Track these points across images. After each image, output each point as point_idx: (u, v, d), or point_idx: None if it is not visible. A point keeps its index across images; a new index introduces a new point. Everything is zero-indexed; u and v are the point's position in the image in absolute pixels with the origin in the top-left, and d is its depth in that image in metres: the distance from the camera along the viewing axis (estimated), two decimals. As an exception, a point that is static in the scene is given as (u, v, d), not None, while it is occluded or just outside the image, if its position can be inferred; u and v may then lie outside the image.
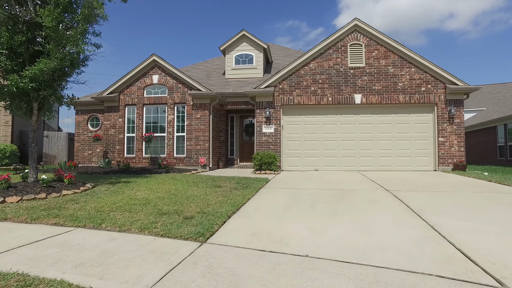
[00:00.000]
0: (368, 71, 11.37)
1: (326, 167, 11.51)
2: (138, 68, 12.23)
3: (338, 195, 6.14)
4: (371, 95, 11.28)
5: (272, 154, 10.60)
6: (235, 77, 14.54)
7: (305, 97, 11.52)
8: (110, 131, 12.43)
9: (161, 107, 12.28)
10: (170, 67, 12.03)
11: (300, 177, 9.42)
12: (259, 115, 11.66)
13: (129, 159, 12.18)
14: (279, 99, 11.62)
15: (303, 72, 11.63)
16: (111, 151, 12.35)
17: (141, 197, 5.76)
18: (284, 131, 11.67)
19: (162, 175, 8.98)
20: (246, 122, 14.66)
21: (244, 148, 14.54)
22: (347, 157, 11.47)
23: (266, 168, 10.43)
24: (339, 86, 11.44)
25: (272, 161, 10.43)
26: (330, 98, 11.42)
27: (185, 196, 5.83)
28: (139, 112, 12.29)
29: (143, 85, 12.36)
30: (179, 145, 12.08)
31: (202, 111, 11.88)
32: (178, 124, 12.14)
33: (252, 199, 5.82)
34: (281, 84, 11.67)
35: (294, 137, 11.67)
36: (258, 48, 14.48)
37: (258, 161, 10.47)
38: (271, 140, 11.54)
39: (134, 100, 12.34)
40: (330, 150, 11.54)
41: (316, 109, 11.65)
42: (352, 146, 11.48)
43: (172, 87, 12.17)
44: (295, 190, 6.81)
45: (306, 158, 11.61)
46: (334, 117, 11.60)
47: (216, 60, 17.67)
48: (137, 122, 12.29)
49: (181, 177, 8.48)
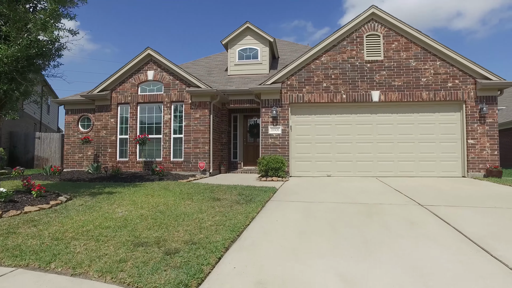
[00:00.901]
0: (387, 65, 10.14)
1: (340, 173, 10.30)
2: (131, 63, 11.14)
3: (363, 213, 4.95)
4: (390, 92, 10.05)
5: (279, 158, 9.43)
6: (238, 74, 13.39)
7: (316, 95, 10.33)
8: (101, 132, 11.36)
9: (157, 106, 11.18)
10: (166, 62, 10.93)
11: (312, 185, 8.24)
12: (265, 115, 10.50)
13: (122, 164, 11.09)
14: (287, 97, 10.44)
15: (314, 67, 10.44)
16: (103, 155, 11.27)
17: (119, 216, 4.63)
18: (292, 132, 10.49)
19: (153, 184, 7.85)
20: (251, 122, 13.51)
21: (249, 151, 13.38)
22: (363, 162, 10.26)
23: (272, 174, 9.26)
24: (354, 82, 10.23)
25: (279, 166, 9.26)
26: (344, 95, 10.22)
27: (174, 215, 4.69)
28: (132, 111, 11.19)
29: (137, 81, 11.27)
30: (177, 148, 10.96)
31: (201, 110, 10.75)
32: (176, 124, 11.03)
33: (258, 218, 4.66)
34: (289, 80, 10.50)
35: (303, 139, 10.49)
36: (263, 42, 13.32)
37: (264, 167, 9.30)
38: (278, 143, 10.36)
39: (128, 98, 11.25)
40: (344, 153, 10.33)
41: (328, 107, 10.46)
42: (369, 149, 10.26)
43: (169, 84, 11.05)
44: (309, 204, 5.64)
45: (317, 162, 10.41)
46: (349, 117, 10.39)
47: (218, 56, 16.55)
48: (130, 122, 11.20)
49: (174, 187, 7.34)
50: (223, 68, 14.54)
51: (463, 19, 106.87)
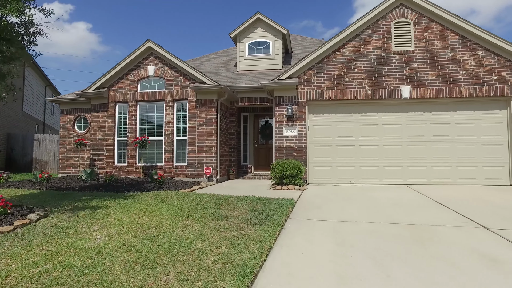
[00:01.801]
0: (418, 56, 8.84)
1: (364, 180, 9.03)
2: (130, 58, 10.08)
3: (413, 239, 3.72)
4: (423, 87, 8.74)
5: (296, 164, 8.22)
6: (248, 69, 12.22)
7: (338, 91, 9.09)
8: (97, 134, 10.33)
9: (158, 105, 10.09)
10: (168, 55, 9.83)
11: (335, 195, 7.01)
12: (279, 114, 9.30)
13: (120, 169, 10.03)
14: (304, 93, 9.22)
15: (334, 59, 9.20)
16: (99, 159, 10.24)
17: (93, 247, 3.50)
18: (310, 133, 9.27)
19: (150, 195, 6.73)
20: (262, 122, 12.32)
21: (260, 154, 12.20)
22: (391, 167, 8.97)
23: (288, 182, 8.06)
24: (381, 76, 8.95)
25: (296, 173, 8.05)
26: (369, 91, 8.95)
27: (167, 244, 3.54)
28: (131, 110, 10.13)
29: (137, 78, 10.21)
30: (180, 152, 9.85)
31: (207, 109, 9.62)
32: (179, 125, 9.92)
33: (276, 248, 3.48)
34: (306, 74, 9.28)
35: (323, 142, 9.26)
36: (276, 34, 12.13)
37: (279, 173, 8.10)
38: (294, 145, 9.15)
39: (126, 96, 10.20)
40: (369, 157, 9.06)
41: (351, 105, 9.20)
42: (398, 152, 8.97)
43: (171, 80, 9.95)
44: (338, 225, 4.43)
45: (338, 167, 9.16)
46: (375, 116, 9.11)
47: (227, 51, 15.42)
48: (129, 123, 10.13)
49: (174, 199, 6.20)
50: (231, 64, 13.40)
51: (477, 17, 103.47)
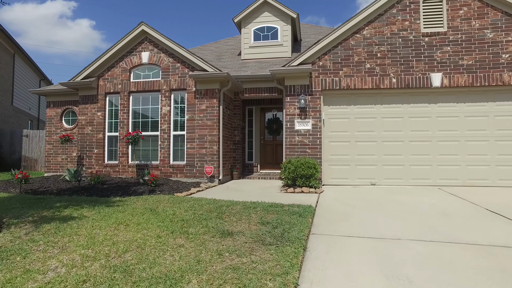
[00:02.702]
0: (452, 38, 7.65)
1: (388, 180, 7.89)
2: (121, 43, 8.95)
3: (493, 271, 2.57)
4: (457, 74, 7.56)
5: (311, 162, 7.08)
6: (254, 58, 11.07)
7: (357, 79, 7.92)
8: (86, 129, 9.23)
9: (153, 96, 8.97)
10: (164, 40, 8.70)
11: (359, 199, 5.88)
12: (290, 106, 8.15)
13: (111, 168, 8.94)
14: (319, 82, 8.07)
15: (353, 43, 8.03)
16: (88, 156, 9.15)
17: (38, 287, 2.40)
18: (325, 128, 8.13)
19: (139, 200, 5.62)
20: (269, 116, 11.19)
21: (267, 151, 11.08)
22: (418, 166, 7.81)
23: (302, 183, 6.93)
24: (407, 62, 7.78)
25: (311, 173, 6.92)
26: (394, 79, 7.78)
27: (146, 282, 2.43)
28: (123, 102, 9.02)
29: (129, 66, 9.09)
30: (177, 149, 8.74)
31: (208, 100, 8.49)
32: (176, 119, 8.80)
33: (305, 286, 2.36)
34: (321, 60, 8.12)
35: (340, 137, 8.11)
36: (284, 19, 10.96)
37: (291, 174, 6.97)
38: (307, 141, 8.01)
39: (117, 86, 9.09)
40: (394, 155, 7.90)
41: (372, 96, 8.04)
42: (426, 149, 7.81)
43: (168, 68, 8.83)
44: (379, 245, 3.30)
45: (357, 167, 8.02)
46: (400, 108, 7.95)
47: (230, 40, 14.26)
48: (121, 116, 9.03)
49: (166, 206, 5.09)
50: (235, 53, 12.25)
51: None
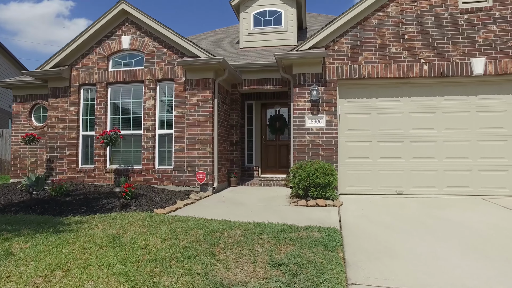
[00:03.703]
0: (498, 14, 6.29)
1: (417, 189, 6.52)
2: (98, 25, 7.53)
3: None
4: (505, 59, 6.21)
5: (327, 168, 5.70)
6: (254, 46, 9.68)
7: (380, 66, 6.55)
8: (56, 127, 7.81)
9: (135, 88, 7.56)
10: (148, 20, 7.29)
11: (392, 216, 4.49)
12: (300, 98, 6.77)
13: (86, 173, 7.53)
14: (334, 70, 6.69)
15: (375, 22, 6.66)
16: (58, 160, 7.73)
17: None
18: (342, 125, 6.76)
19: (105, 221, 4.21)
20: (272, 113, 9.80)
21: (269, 153, 9.70)
22: (455, 171, 6.46)
23: (317, 194, 5.55)
24: (442, 45, 6.41)
25: (329, 181, 5.54)
26: (425, 66, 6.42)
27: None
28: (100, 96, 7.60)
29: (107, 52, 7.67)
30: (164, 150, 7.34)
31: (201, 92, 7.09)
32: (162, 115, 7.39)
33: None
34: (336, 44, 6.74)
35: (359, 136, 6.74)
36: (289, 2, 9.57)
37: (303, 182, 5.58)
38: (320, 141, 6.63)
39: (93, 76, 7.67)
40: (424, 158, 6.55)
41: (398, 86, 6.68)
42: (465, 151, 6.45)
43: (153, 54, 7.42)
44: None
45: (380, 172, 6.65)
46: (431, 101, 6.59)
47: (227, 29, 12.86)
48: (97, 112, 7.61)
49: (137, 233, 3.69)
50: (232, 41, 10.85)
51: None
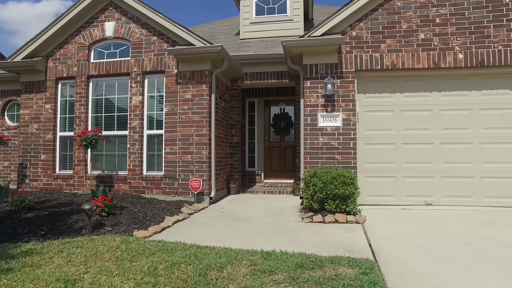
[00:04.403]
0: (545, -6, 5.33)
1: (449, 199, 5.55)
2: (78, 9, 6.54)
3: None
4: (552, 47, 5.25)
5: (347, 175, 4.73)
6: (256, 36, 8.70)
7: (407, 55, 5.58)
8: (30, 127, 6.82)
9: (120, 82, 6.57)
10: (135, 3, 6.31)
11: (435, 238, 3.49)
12: (311, 93, 5.78)
13: (64, 180, 6.54)
14: (352, 60, 5.71)
15: (400, 4, 5.68)
16: (32, 164, 6.73)
17: None
18: (360, 124, 5.78)
19: (65, 250, 3.21)
20: (275, 111, 8.84)
21: (272, 155, 8.72)
22: (495, 178, 5.48)
23: (335, 207, 4.57)
24: (480, 29, 5.44)
25: (350, 192, 4.57)
26: (460, 54, 5.45)
27: None
28: (81, 91, 6.61)
29: (89, 41, 6.67)
30: (153, 154, 6.35)
31: (196, 86, 6.10)
32: (151, 112, 6.41)
33: None
34: (354, 29, 5.77)
35: (381, 137, 5.77)
36: (294, -13, 8.60)
37: (319, 193, 4.59)
38: (335, 144, 5.64)
39: (73, 69, 6.68)
40: (458, 163, 5.57)
41: (427, 79, 5.71)
42: (507, 155, 5.49)
43: (141, 43, 6.43)
44: None
45: (406, 179, 5.67)
46: (466, 96, 5.62)
47: (226, 21, 11.88)
48: (77, 110, 6.62)
49: (101, 272, 2.70)
50: (232, 33, 9.88)
51: None
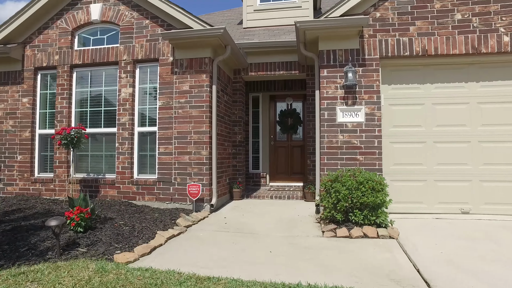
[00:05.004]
0: None
1: (490, 207, 4.76)
2: (58, -11, 5.74)
3: None
4: None
5: (376, 180, 3.93)
6: (261, 25, 7.90)
7: (440, 39, 4.79)
8: (5, 123, 5.99)
9: (108, 72, 5.76)
10: (125, -18, 5.50)
11: (499, 262, 2.73)
12: (329, 83, 4.98)
13: (44, 184, 5.72)
14: (376, 45, 4.92)
15: (432, -21, 4.90)
16: (7, 166, 5.91)
17: None
18: (385, 120, 4.99)
19: None
20: (282, 107, 8.04)
21: (279, 156, 7.93)
22: (541, 182, 4.71)
23: (362, 218, 3.77)
24: (525, 9, 4.66)
25: (380, 200, 3.77)
26: (505, 37, 4.66)
27: None
28: (63, 83, 5.80)
29: (72, 26, 5.86)
30: (145, 154, 5.54)
31: (195, 76, 5.30)
32: (143, 107, 5.60)
33: None
34: (378, 10, 4.97)
35: (408, 135, 4.98)
36: (303, -29, 7.80)
37: (343, 201, 3.78)
38: (357, 142, 4.85)
39: (54, 58, 5.86)
40: (500, 165, 4.79)
41: (463, 67, 4.92)
42: (555, 154, 4.71)
43: (131, 27, 5.62)
44: None
45: (438, 183, 4.88)
46: (510, 87, 4.84)
47: (227, 12, 11.09)
48: (59, 104, 5.80)
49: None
50: (234, 22, 9.08)
51: None
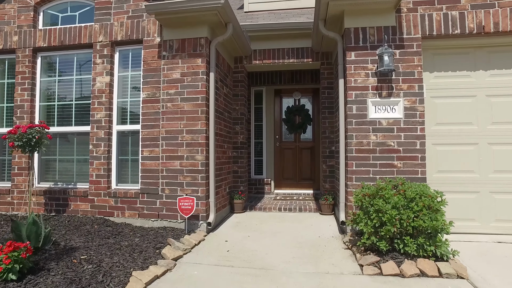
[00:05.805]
0: None
1: (558, 224, 3.79)
2: (18, -47, 4.64)
3: None
4: None
5: (430, 194, 2.92)
6: (264, 8, 6.87)
7: (502, 11, 3.80)
8: (-47, 120, 4.89)
9: (80, 57, 4.68)
10: None
11: None
12: (357, 69, 3.95)
13: (0, 196, 4.62)
14: (417, 21, 3.91)
15: None
16: (-44, 173, 4.82)
17: None
18: (428, 115, 3.98)
19: None
20: (289, 103, 7.02)
21: (285, 159, 6.91)
22: None
23: (415, 248, 2.76)
24: None
25: (440, 224, 2.76)
26: None
27: None
28: (24, 70, 4.71)
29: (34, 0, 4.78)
30: (126, 158, 4.48)
31: (187, 60, 4.24)
32: (124, 100, 4.54)
33: None
34: (419, -23, 3.96)
35: (455, 135, 3.98)
36: None
37: (389, 225, 2.77)
38: (394, 144, 3.83)
39: (12, 39, 4.76)
40: None
41: (526, 49, 3.94)
42: None
43: (109, 1, 4.55)
44: None
45: (494, 195, 3.89)
46: None
47: None
48: (19, 97, 4.71)
49: None
50: (234, 7, 8.01)
51: None
